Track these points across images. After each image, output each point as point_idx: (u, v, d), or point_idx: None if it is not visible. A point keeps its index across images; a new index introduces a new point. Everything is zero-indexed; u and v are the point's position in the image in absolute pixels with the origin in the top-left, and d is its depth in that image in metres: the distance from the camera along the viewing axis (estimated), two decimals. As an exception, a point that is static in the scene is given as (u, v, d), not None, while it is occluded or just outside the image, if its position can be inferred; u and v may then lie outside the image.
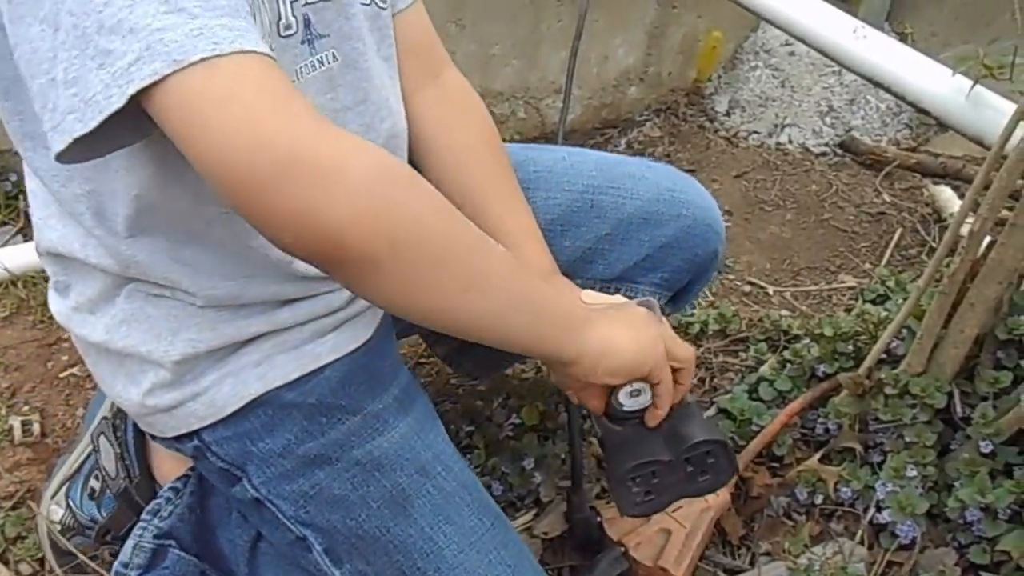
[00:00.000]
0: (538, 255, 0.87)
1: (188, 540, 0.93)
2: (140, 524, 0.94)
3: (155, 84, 0.53)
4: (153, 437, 0.86)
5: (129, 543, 0.93)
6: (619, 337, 0.72)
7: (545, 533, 1.11)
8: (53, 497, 1.04)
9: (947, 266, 1.09)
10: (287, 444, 0.78)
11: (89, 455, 1.05)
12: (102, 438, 1.03)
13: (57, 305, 0.83)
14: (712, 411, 1.27)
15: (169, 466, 0.99)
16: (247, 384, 0.78)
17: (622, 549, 1.05)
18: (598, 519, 1.08)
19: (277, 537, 0.83)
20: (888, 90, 1.46)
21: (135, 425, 1.02)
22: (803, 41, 1.64)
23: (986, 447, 1.01)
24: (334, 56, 0.75)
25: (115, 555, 0.97)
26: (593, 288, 0.92)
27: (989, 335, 1.11)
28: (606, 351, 0.71)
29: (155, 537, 0.93)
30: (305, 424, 0.78)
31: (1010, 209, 1.05)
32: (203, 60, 0.53)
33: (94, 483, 1.03)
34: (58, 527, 1.03)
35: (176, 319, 0.76)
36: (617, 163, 1.01)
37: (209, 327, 0.76)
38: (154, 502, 0.96)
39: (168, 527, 0.93)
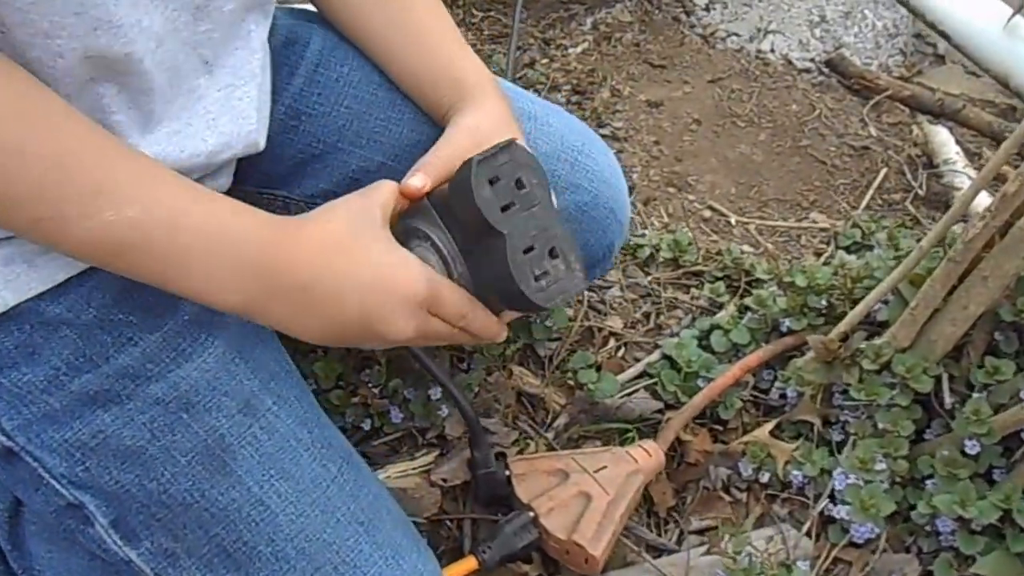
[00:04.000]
0: (472, 67, 0.70)
1: None
2: None
3: None
4: None
5: None
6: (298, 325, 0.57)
7: (444, 480, 0.92)
8: None
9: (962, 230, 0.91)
10: (54, 375, 0.56)
11: None
12: None
13: None
14: (655, 355, 1.10)
15: None
16: (6, 283, 0.55)
17: (531, 515, 0.88)
18: (507, 474, 0.91)
19: (38, 502, 0.60)
20: (905, 4, 1.24)
21: None
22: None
23: (972, 447, 0.86)
24: None
25: None
26: None
27: (987, 314, 0.95)
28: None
29: None
30: (81, 346, 0.56)
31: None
32: None
33: None
34: None
35: None
36: (517, 95, 0.79)
37: None
38: None
39: None
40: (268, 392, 0.61)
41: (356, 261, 0.56)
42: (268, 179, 0.75)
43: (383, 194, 0.60)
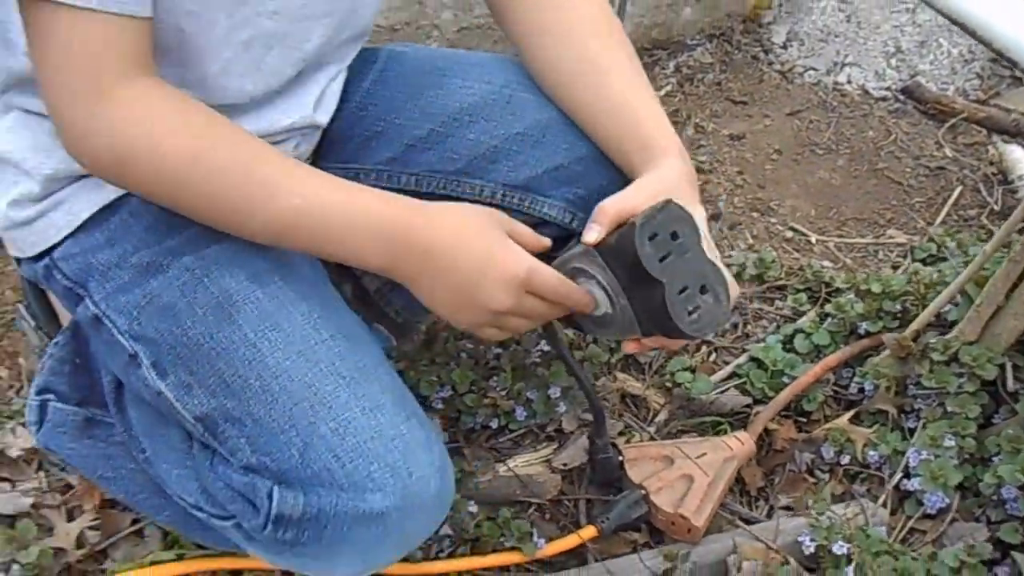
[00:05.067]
0: (660, 133, 0.82)
1: (65, 390, 0.91)
2: (33, 383, 0.92)
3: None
4: (19, 263, 0.85)
5: (27, 401, 0.92)
6: (437, 291, 0.74)
7: (564, 465, 1.08)
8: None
9: (1021, 232, 1.02)
10: (123, 254, 0.76)
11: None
12: (23, 323, 1.02)
13: None
14: (743, 359, 1.23)
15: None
16: (103, 190, 0.77)
17: (643, 492, 1.02)
18: (620, 459, 1.06)
19: (116, 360, 0.78)
20: (973, 34, 1.35)
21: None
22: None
23: (1034, 425, 0.97)
24: None
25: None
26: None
27: (1048, 308, 1.05)
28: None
29: (36, 393, 0.91)
30: (143, 235, 0.76)
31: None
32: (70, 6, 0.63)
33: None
34: None
35: (56, 137, 0.72)
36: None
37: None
38: (41, 363, 0.93)
39: (44, 382, 0.91)
40: (276, 272, 0.76)
41: (473, 242, 0.72)
42: (343, 155, 0.94)
43: (510, 220, 0.78)
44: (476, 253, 0.72)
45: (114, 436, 0.88)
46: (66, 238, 0.78)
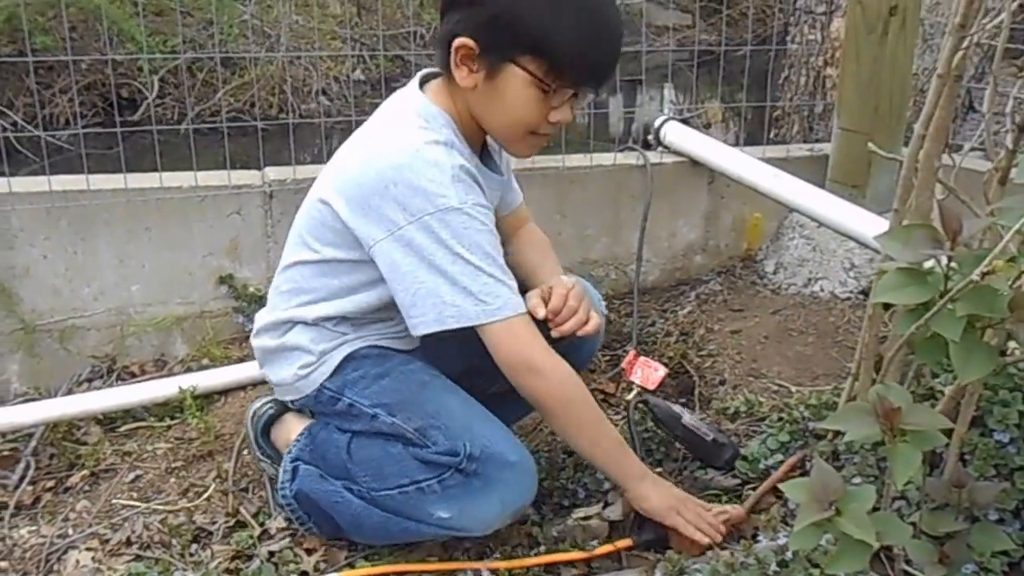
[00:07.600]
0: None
1: (308, 459, 1.63)
2: (284, 459, 1.65)
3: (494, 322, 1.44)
4: (293, 402, 1.68)
5: (281, 469, 1.64)
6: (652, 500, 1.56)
7: (609, 516, 1.65)
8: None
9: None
10: (364, 374, 1.57)
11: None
12: (263, 464, 1.78)
13: (273, 338, 1.65)
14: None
15: (295, 430, 1.69)
16: (342, 353, 1.59)
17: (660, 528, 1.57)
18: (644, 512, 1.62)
19: (361, 421, 1.56)
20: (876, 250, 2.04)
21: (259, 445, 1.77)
22: (816, 220, 2.28)
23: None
24: None
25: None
26: None
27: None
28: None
29: (291, 461, 1.64)
30: (373, 364, 1.58)
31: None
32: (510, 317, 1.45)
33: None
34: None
35: (323, 333, 1.58)
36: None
37: (341, 345, 1.60)
38: (288, 447, 1.66)
39: (296, 454, 1.65)
40: (439, 378, 1.57)
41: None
42: None
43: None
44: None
45: (335, 484, 1.56)
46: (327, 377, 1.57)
